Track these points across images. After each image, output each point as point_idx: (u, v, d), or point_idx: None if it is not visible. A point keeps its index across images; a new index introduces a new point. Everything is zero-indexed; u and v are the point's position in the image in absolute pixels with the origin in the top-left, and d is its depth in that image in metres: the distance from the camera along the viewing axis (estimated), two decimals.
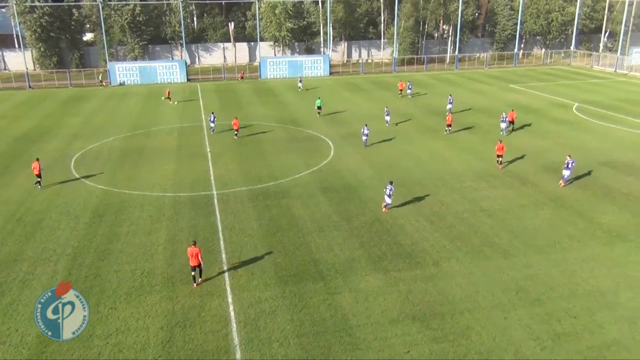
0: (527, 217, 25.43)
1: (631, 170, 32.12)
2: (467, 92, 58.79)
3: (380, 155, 35.56)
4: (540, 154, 35.44)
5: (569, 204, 26.95)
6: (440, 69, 79.58)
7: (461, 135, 40.60)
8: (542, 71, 76.11)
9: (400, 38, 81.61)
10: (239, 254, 21.99)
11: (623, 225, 24.49)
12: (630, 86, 62.90)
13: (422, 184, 30.02)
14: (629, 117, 45.51)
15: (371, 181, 30.56)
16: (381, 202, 26.61)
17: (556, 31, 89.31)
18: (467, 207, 26.66)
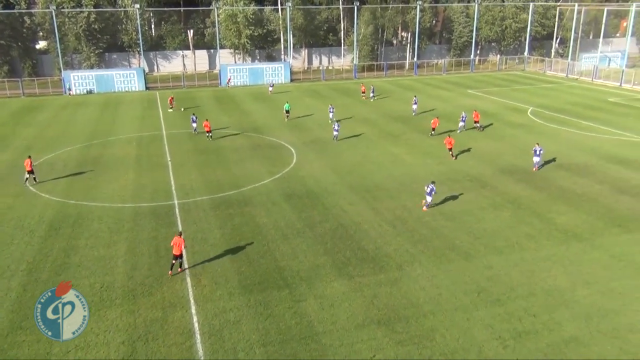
0: (486, 219, 25.98)
1: (584, 171, 33.27)
2: (426, 97, 59.83)
3: (342, 161, 35.75)
4: (498, 157, 36.32)
5: (526, 205, 27.69)
6: (400, 75, 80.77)
7: (421, 140, 41.24)
8: (498, 77, 78.19)
9: (360, 45, 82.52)
10: (202, 264, 21.68)
11: (578, 225, 25.30)
12: (581, 90, 65.30)
13: (384, 188, 30.32)
14: (580, 120, 47.17)
15: (334, 187, 30.67)
16: (422, 201, 27.07)
17: (510, 38, 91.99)
18: (429, 210, 27.05)
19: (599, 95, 61.70)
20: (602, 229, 24.82)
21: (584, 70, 77.08)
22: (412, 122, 47.24)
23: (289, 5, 77.16)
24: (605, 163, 34.84)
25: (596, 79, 72.77)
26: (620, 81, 68.85)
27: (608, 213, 26.64)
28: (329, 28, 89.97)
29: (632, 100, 58.59)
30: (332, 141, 40.68)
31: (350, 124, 45.52)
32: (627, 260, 21.93)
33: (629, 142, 40.26)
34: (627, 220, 25.81)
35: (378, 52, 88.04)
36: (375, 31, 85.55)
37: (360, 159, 36.22)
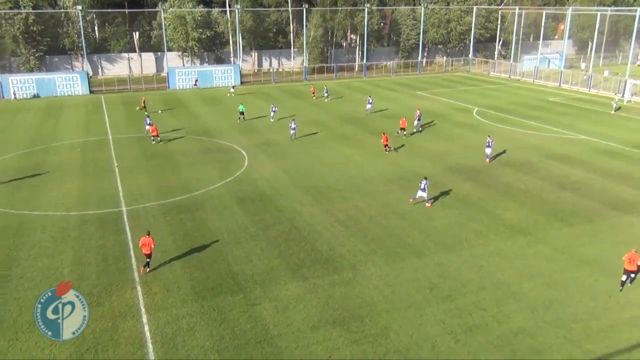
0: (437, 217, 26.56)
1: (527, 168, 34.52)
2: (376, 99, 60.56)
3: (295, 163, 35.75)
4: (446, 157, 37.22)
5: (474, 203, 28.48)
6: (350, 77, 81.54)
7: (373, 141, 41.77)
8: (445, 78, 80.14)
9: (309, 47, 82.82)
10: (152, 272, 21.18)
11: (522, 220, 26.23)
12: (523, 90, 67.78)
13: (337, 189, 30.51)
14: (523, 120, 48.94)
15: (287, 189, 30.63)
16: (409, 198, 27.93)
17: (455, 40, 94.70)
18: (381, 210, 27.41)
19: (540, 95, 64.21)
20: (545, 224, 25.82)
21: (525, 71, 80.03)
22: (363, 124, 47.78)
23: (237, 8, 76.61)
24: (547, 160, 36.28)
25: (537, 80, 75.71)
26: (559, 81, 71.89)
27: (550, 208, 27.75)
28: (279, 30, 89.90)
29: (571, 99, 61.30)
30: (287, 142, 40.65)
31: (302, 125, 45.60)
32: (569, 253, 22.90)
33: (568, 140, 42.07)
34: (568, 214, 26.96)
35: (328, 54, 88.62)
36: (324, 33, 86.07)
37: (312, 161, 36.32)
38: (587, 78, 69.12)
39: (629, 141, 41.37)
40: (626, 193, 29.98)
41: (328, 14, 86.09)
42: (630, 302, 19.21)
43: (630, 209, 27.65)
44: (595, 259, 22.36)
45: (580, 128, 45.85)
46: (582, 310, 18.71)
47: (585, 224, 25.90)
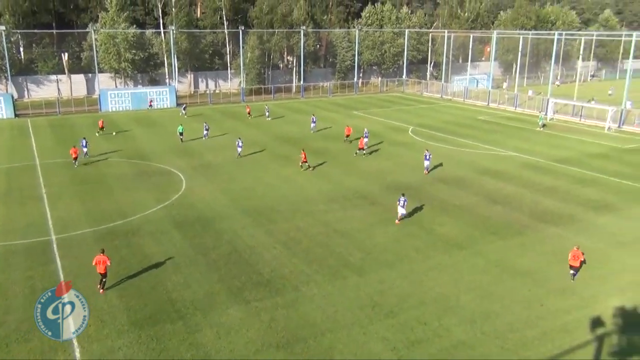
0: (377, 235, 26.94)
1: (461, 184, 35.76)
2: None
3: (234, 184, 35.38)
4: (385, 175, 37.97)
5: (412, 219, 29.12)
6: (288, 97, 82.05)
7: (311, 160, 41.94)
8: (380, 98, 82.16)
9: (246, 69, 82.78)
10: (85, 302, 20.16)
11: (457, 235, 27.06)
12: (455, 110, 70.51)
13: (277, 210, 30.39)
14: (456, 138, 50.78)
15: (227, 211, 30.20)
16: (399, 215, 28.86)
17: (389, 61, 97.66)
18: (322, 229, 27.51)
19: (470, 114, 67.00)
20: (479, 237, 26.74)
21: (456, 91, 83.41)
22: (303, 144, 48.03)
23: (172, 29, 75.65)
24: (480, 176, 37.74)
25: (467, 99, 79.01)
26: (488, 101, 75.38)
27: (484, 222, 28.80)
28: (215, 52, 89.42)
29: (499, 117, 64.32)
30: (226, 163, 40.21)
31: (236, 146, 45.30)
32: (503, 265, 23.78)
33: (498, 156, 44.01)
34: (500, 228, 28.07)
35: (265, 76, 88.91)
36: (261, 55, 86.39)
37: (252, 182, 36.08)
38: (508, 96, 72.79)
39: (553, 156, 43.76)
40: (553, 206, 31.59)
41: (265, 36, 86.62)
42: (561, 310, 20.13)
43: (557, 221, 29.13)
44: (527, 269, 23.33)
45: (509, 145, 48.09)
46: (518, 319, 19.41)
47: (516, 236, 27.03)
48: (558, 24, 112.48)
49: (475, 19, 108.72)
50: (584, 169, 39.95)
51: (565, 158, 43.23)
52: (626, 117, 58.44)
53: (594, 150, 46.49)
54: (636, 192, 34.52)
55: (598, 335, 18.54)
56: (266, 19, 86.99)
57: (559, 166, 40.74)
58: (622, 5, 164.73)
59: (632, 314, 19.95)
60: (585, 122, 60.45)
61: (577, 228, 28.20)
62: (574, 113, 63.58)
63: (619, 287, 21.95)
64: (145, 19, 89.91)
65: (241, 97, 78.55)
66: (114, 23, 76.47)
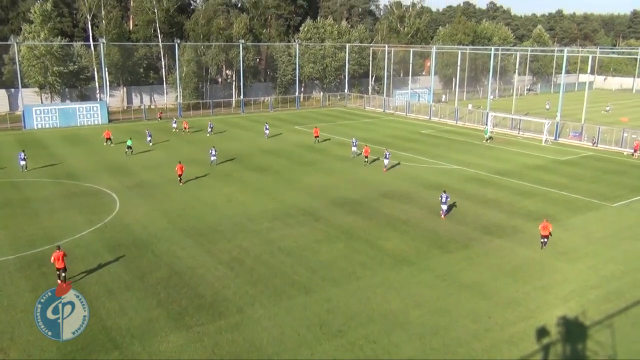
0: (322, 252, 26.96)
1: (407, 199, 36.46)
2: (255, 134, 61.01)
3: (172, 204, 34.57)
4: (328, 190, 38.19)
5: (358, 235, 29.36)
6: (227, 113, 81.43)
7: (254, 177, 41.74)
8: (322, 112, 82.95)
9: (183, 83, 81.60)
10: (10, 335, 19.08)
11: (405, 250, 27.49)
12: (397, 124, 72.15)
13: (219, 230, 29.89)
14: (399, 152, 51.84)
15: (165, 233, 29.41)
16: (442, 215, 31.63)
17: (331, 76, 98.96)
18: (266, 248, 27.25)
19: (413, 127, 68.73)
20: (426, 252, 27.27)
21: (398, 106, 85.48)
22: (244, 160, 47.68)
23: (103, 42, 73.61)
24: (424, 190, 38.63)
25: (409, 114, 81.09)
26: (429, 114, 77.64)
27: (430, 236, 29.42)
28: (149, 65, 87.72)
29: (441, 131, 66.32)
30: (163, 182, 39.25)
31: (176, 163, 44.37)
32: (450, 279, 24.32)
33: (441, 169, 45.25)
34: (446, 241, 28.75)
35: (203, 90, 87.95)
36: (198, 69, 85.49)
37: (191, 201, 35.37)
38: (450, 110, 75.34)
39: (494, 169, 45.45)
40: (496, 218, 32.72)
41: (201, 49, 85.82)
42: (507, 322, 20.74)
43: (501, 233, 30.16)
44: (474, 282, 23.95)
45: (451, 158, 49.59)
46: (466, 333, 19.83)
47: (462, 249, 27.75)
48: (495, 40, 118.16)
49: (415, 34, 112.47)
50: (524, 180, 41.69)
51: (506, 170, 45.00)
52: (561, 130, 61.67)
53: (533, 162, 48.65)
54: (573, 202, 36.32)
55: (544, 345, 19.21)
56: (202, 31, 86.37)
57: (501, 179, 42.32)
58: (552, 22, 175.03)
59: (575, 322, 20.83)
60: (523, 135, 63.29)
61: (520, 239, 29.28)
62: (512, 126, 66.50)
63: (562, 296, 22.89)
64: (74, 31, 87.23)
65: (178, 113, 77.21)
66: (38, 35, 73.60)
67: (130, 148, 49.61)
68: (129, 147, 49.69)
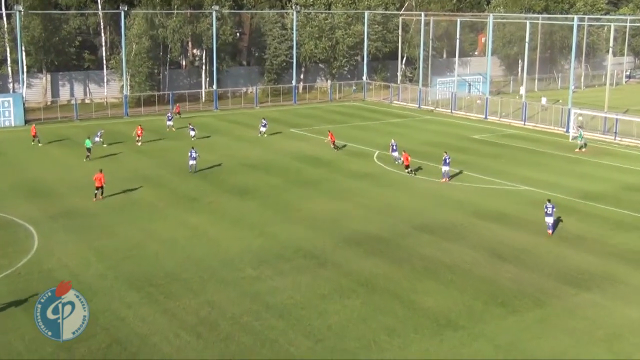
0: (330, 312, 26.75)
1: (452, 233, 36.28)
2: (232, 140, 61.22)
3: (114, 240, 34.62)
4: (340, 221, 38.07)
5: (382, 287, 29.15)
6: (195, 109, 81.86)
7: (232, 202, 41.73)
8: (331, 109, 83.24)
9: (132, 68, 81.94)
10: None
11: (450, 308, 27.23)
12: (438, 125, 72.24)
13: (180, 279, 29.82)
14: (440, 166, 51.65)
15: (102, 282, 29.39)
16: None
17: (343, 57, 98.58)
18: (249, 306, 27.10)
19: (461, 131, 68.83)
20: (481, 311, 27.01)
21: (440, 100, 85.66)
22: (218, 178, 47.76)
23: (18, 10, 74.17)
24: (478, 221, 38.46)
25: (456, 111, 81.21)
26: (485, 112, 77.68)
27: (487, 288, 29.17)
28: (84, 43, 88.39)
29: (502, 136, 66.32)
30: (98, 209, 39.29)
31: (122, 183, 44.51)
32: (517, 350, 24.06)
33: (503, 192, 45.13)
34: (511, 296, 28.48)
35: (160, 78, 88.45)
36: (154, 47, 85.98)
37: (141, 237, 35.40)
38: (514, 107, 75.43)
39: (580, 191, 45.23)
40: (582, 261, 32.49)
41: (158, 19, 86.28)
42: None
43: (589, 284, 29.90)
44: (552, 354, 23.68)
45: (517, 175, 49.45)
46: None
47: (534, 308, 27.47)
48: (578, 5, 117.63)
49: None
50: (622, 207, 41.47)
51: (596, 193, 44.78)
52: None
53: (636, 182, 48.40)
54: None
55: None
56: None
57: (589, 205, 42.13)
58: None
59: None
60: (621, 142, 63.20)
61: (617, 292, 29.00)
62: (605, 129, 66.34)
63: None
64: None
65: (124, 110, 77.59)
66: None
67: (89, 151, 52.72)
68: (88, 149, 52.76)
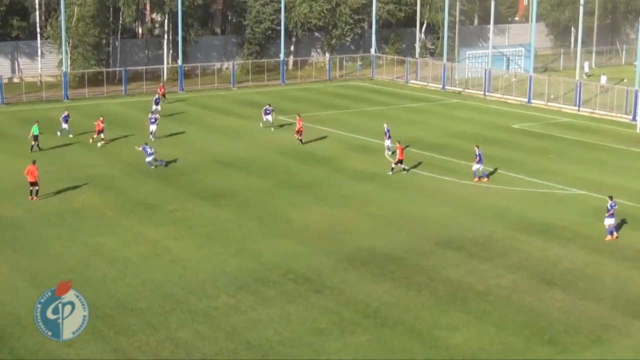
0: (328, 351, 26.68)
1: (485, 251, 36.19)
2: (204, 131, 61.27)
3: (50, 260, 34.65)
4: (340, 235, 38.07)
5: (396, 320, 29.03)
6: (153, 91, 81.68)
7: (202, 210, 41.69)
8: (329, 91, 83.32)
9: (73, 37, 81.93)
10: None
11: (483, 347, 27.14)
12: (467, 111, 72.21)
13: (135, 308, 29.78)
14: (468, 162, 51.53)
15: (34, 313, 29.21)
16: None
17: (345, 23, 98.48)
18: (223, 344, 27.08)
19: (497, 119, 68.86)
20: (523, 351, 26.92)
21: (470, 79, 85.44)
22: (186, 179, 47.72)
23: None
24: (519, 234, 38.41)
25: (490, 93, 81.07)
26: (528, 95, 77.53)
27: (530, 321, 29.08)
28: (13, 6, 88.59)
29: (549, 125, 66.30)
30: (35, 218, 39.23)
31: (60, 185, 44.54)
32: None
33: (551, 197, 45.13)
34: (560, 330, 28.39)
35: (109, 50, 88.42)
36: (102, 11, 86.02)
37: (84, 254, 35.47)
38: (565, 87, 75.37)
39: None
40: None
41: None
42: None
43: None
44: None
45: (569, 175, 49.43)
46: None
47: (591, 346, 27.38)
48: None
49: None
50: None
51: None
52: None
53: None
54: None
55: None
56: None
57: None
58: None
59: None
60: None
61: None
62: None
63: None
64: None
65: (63, 93, 77.55)
66: None
67: (36, 139, 54.58)
68: (35, 137, 54.52)
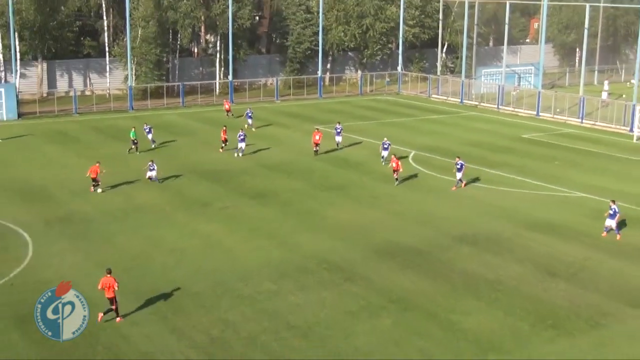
0: (358, 332, 26.82)
1: (497, 246, 36.22)
2: (251, 138, 61.33)
3: (115, 250, 35.02)
4: (369, 231, 38.16)
5: (417, 304, 29.19)
6: (207, 103, 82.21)
7: (249, 208, 41.91)
8: (361, 104, 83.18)
9: (137, 55, 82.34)
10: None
11: (494, 330, 27.20)
12: (483, 123, 71.91)
13: (191, 293, 30.02)
14: (485, 168, 51.52)
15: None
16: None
17: (375, 44, 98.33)
18: (267, 325, 27.24)
19: (509, 129, 68.53)
20: (529, 334, 26.93)
21: (485, 94, 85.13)
22: (233, 181, 47.94)
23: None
24: (527, 232, 38.34)
25: (503, 106, 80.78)
26: (537, 108, 77.23)
27: (536, 308, 29.07)
28: (84, 28, 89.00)
29: (555, 136, 65.92)
30: (101, 215, 39.66)
31: (123, 187, 44.95)
32: None
33: (556, 199, 44.92)
34: (563, 317, 28.36)
35: (169, 67, 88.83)
36: (163, 32, 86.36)
37: (146, 246, 35.77)
38: (572, 100, 74.93)
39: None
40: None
41: (167, 0, 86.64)
42: None
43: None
44: None
45: (573, 180, 49.11)
46: None
47: (589, 330, 27.35)
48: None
49: None
50: None
51: None
52: None
53: None
54: None
55: None
56: None
57: None
58: None
59: None
60: None
61: None
62: None
63: None
64: None
65: (129, 104, 78.08)
66: None
67: (135, 144, 55.74)
68: (133, 141, 55.70)
